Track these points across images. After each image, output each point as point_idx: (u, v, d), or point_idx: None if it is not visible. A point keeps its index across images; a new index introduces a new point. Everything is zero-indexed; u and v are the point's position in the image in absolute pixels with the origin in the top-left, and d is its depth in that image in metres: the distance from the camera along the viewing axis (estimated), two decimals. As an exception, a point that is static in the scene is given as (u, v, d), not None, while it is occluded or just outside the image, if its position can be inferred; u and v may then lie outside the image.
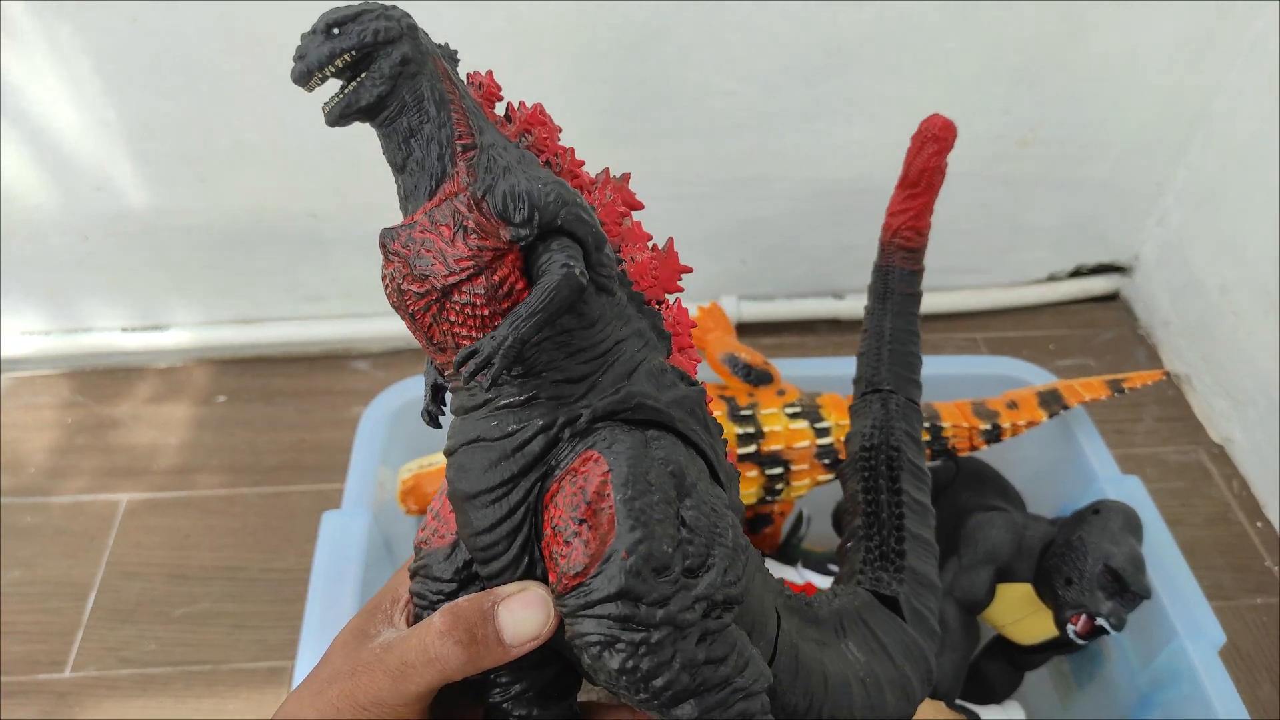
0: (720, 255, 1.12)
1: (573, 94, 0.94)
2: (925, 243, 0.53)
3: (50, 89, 0.89)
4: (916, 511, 0.49)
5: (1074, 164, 1.07)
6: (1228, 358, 1.03)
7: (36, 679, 0.84)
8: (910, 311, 0.53)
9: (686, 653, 0.31)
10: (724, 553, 0.33)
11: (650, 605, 0.30)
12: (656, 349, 0.36)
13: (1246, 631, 0.88)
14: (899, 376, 0.52)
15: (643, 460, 0.32)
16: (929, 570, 0.48)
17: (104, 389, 1.09)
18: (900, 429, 0.50)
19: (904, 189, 0.52)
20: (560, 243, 0.32)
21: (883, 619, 0.44)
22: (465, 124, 0.34)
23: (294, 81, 0.33)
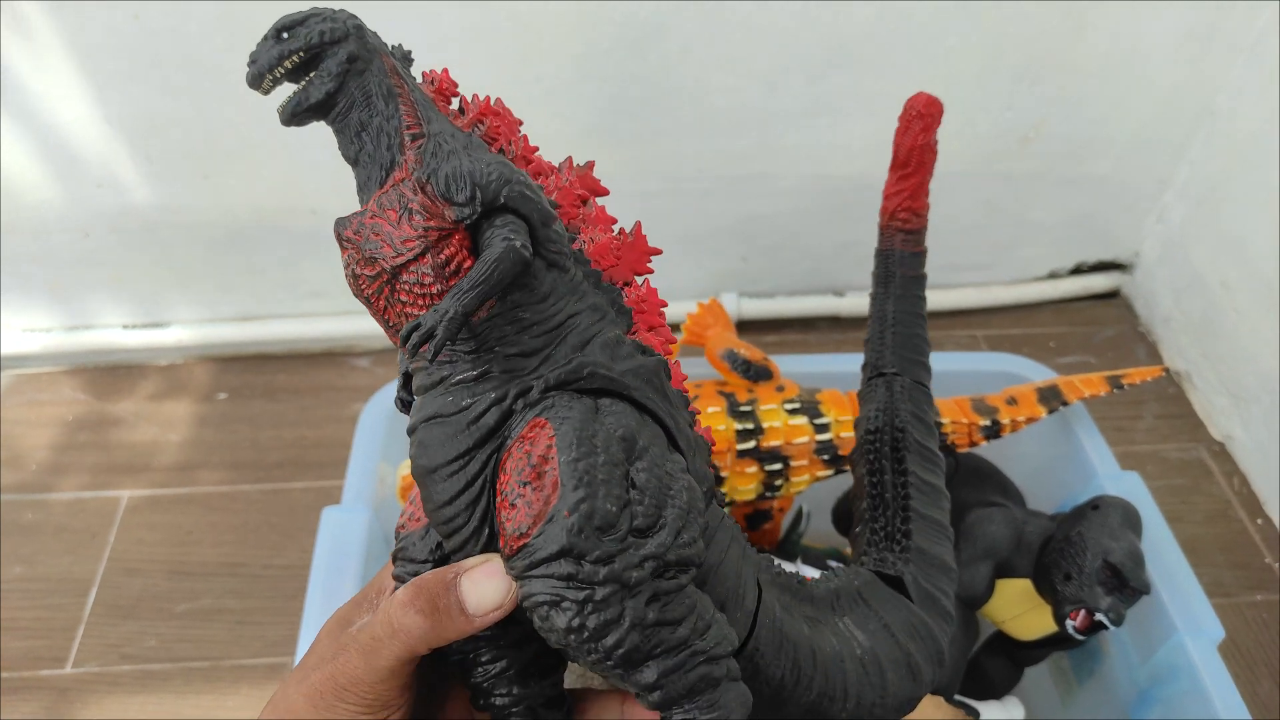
0: (721, 252, 1.12)
1: (575, 91, 0.94)
2: (924, 224, 0.53)
3: (52, 86, 0.89)
4: (925, 492, 0.48)
5: (1076, 161, 1.07)
6: (1229, 355, 1.02)
7: (38, 675, 0.84)
8: (914, 294, 0.53)
9: (636, 612, 0.31)
10: (677, 514, 0.33)
11: (594, 563, 0.31)
12: (615, 323, 0.37)
13: (1247, 628, 0.88)
14: (903, 359, 0.52)
15: (590, 424, 0.33)
16: (940, 551, 0.47)
17: (105, 386, 1.10)
18: (906, 410, 0.50)
19: (896, 170, 0.52)
20: (504, 219, 0.34)
21: (886, 598, 0.44)
22: (413, 114, 0.36)
23: (249, 85, 0.36)
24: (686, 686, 0.32)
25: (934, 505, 0.49)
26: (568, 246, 0.36)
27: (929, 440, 0.50)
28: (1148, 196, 1.12)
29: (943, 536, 0.48)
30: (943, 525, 0.48)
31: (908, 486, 0.48)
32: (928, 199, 0.52)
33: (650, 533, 0.32)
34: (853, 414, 0.68)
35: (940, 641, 0.44)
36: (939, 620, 0.45)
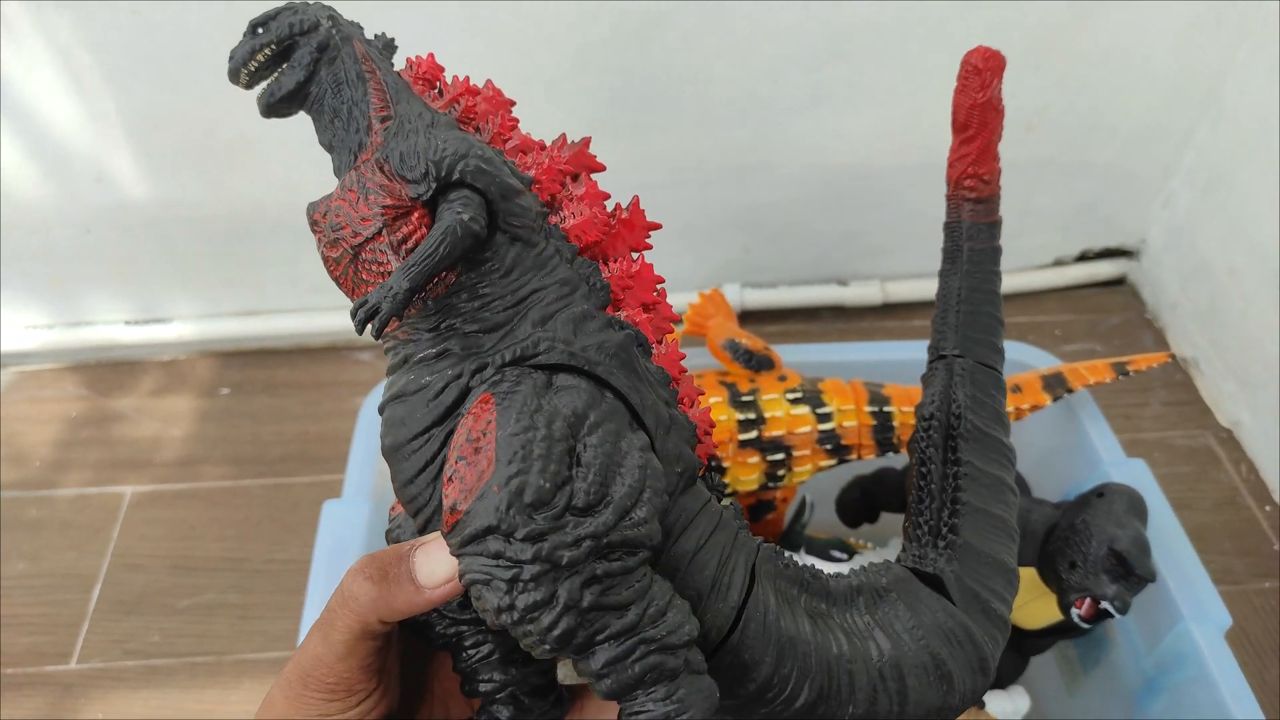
0: (723, 242, 1.11)
1: (576, 82, 0.94)
2: (995, 191, 0.48)
3: (50, 81, 0.89)
4: (983, 484, 0.44)
5: (1081, 148, 1.07)
6: (1236, 341, 1.02)
7: (43, 671, 0.84)
8: (985, 269, 0.48)
9: (570, 593, 0.29)
10: (626, 493, 0.31)
11: (523, 541, 0.29)
12: (587, 298, 0.36)
13: (1255, 616, 0.87)
14: (968, 339, 0.47)
15: (534, 400, 0.32)
16: (995, 549, 0.43)
17: (107, 382, 1.10)
18: (964, 394, 0.45)
19: (957, 134, 0.47)
20: (458, 194, 0.34)
21: (919, 598, 0.40)
22: (381, 97, 0.36)
23: (229, 80, 0.37)
24: (635, 676, 0.30)
25: (994, 499, 0.44)
26: (537, 221, 0.35)
27: (994, 428, 0.45)
28: (1154, 183, 1.12)
29: (1001, 533, 0.43)
30: (1003, 521, 0.44)
31: (959, 478, 0.43)
32: (996, 163, 0.47)
33: (592, 511, 0.30)
34: (855, 404, 0.67)
35: (983, 648, 0.40)
36: (986, 624, 0.41)
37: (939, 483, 0.44)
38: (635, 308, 0.37)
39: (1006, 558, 0.43)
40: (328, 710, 0.35)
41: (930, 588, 0.40)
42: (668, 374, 0.37)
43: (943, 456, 0.44)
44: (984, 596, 0.41)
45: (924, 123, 1.01)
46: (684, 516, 0.35)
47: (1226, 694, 0.56)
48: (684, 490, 0.35)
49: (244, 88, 0.38)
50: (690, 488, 0.36)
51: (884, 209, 1.09)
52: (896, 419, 0.67)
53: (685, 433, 0.36)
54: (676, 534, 0.34)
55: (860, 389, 0.68)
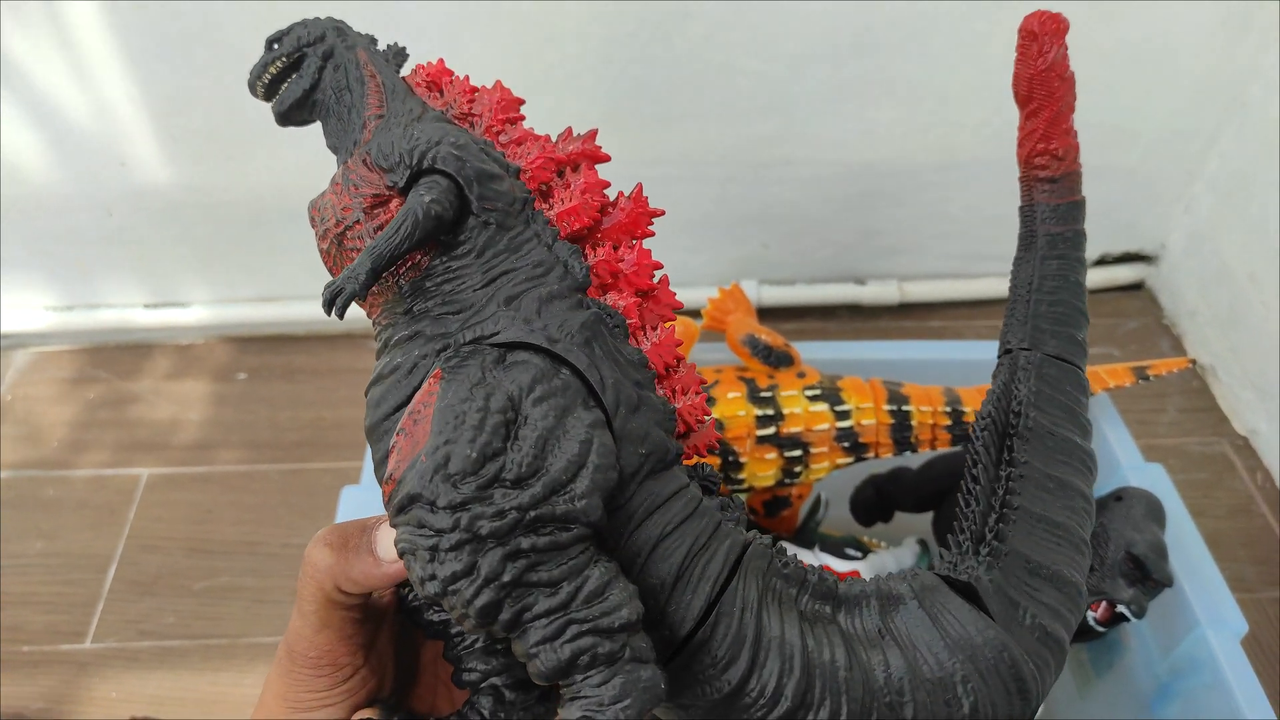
0: (742, 239, 1.11)
1: (599, 74, 0.94)
2: (1072, 168, 0.43)
3: (75, 65, 0.89)
4: (1044, 488, 0.38)
5: (1102, 150, 1.06)
6: (1256, 348, 1.01)
7: (58, 649, 0.84)
8: (1062, 254, 0.43)
9: (490, 566, 0.28)
10: (564, 467, 0.30)
11: (444, 509, 0.29)
12: (560, 280, 0.35)
13: (1269, 624, 0.87)
14: (1039, 331, 0.41)
15: (478, 373, 0.31)
16: (1052, 559, 0.37)
17: (125, 365, 1.10)
18: (1028, 390, 0.40)
19: (1022, 108, 0.43)
20: (427, 180, 0.35)
21: (945, 609, 0.35)
22: (378, 98, 0.39)
23: (249, 92, 0.41)
24: (566, 659, 0.29)
25: (1058, 504, 0.38)
26: (515, 206, 0.36)
27: (1064, 427, 0.39)
28: (1176, 187, 1.11)
29: (1064, 544, 0.37)
30: (1065, 530, 0.38)
31: (1012, 479, 0.38)
32: (1071, 136, 0.42)
33: (522, 484, 0.29)
34: (874, 402, 0.67)
35: (1023, 668, 0.34)
36: (1030, 642, 0.35)
37: (987, 485, 0.39)
38: (628, 293, 0.36)
39: (1068, 571, 0.37)
40: (315, 685, 0.36)
41: (964, 598, 0.36)
42: (644, 357, 0.35)
43: (995, 457, 0.39)
44: (1031, 611, 0.36)
45: (946, 121, 1.00)
46: (650, 500, 0.33)
47: (1242, 701, 0.56)
48: (652, 473, 0.34)
49: (262, 99, 0.41)
50: (662, 472, 0.34)
51: (903, 208, 1.09)
52: (915, 418, 0.67)
53: (657, 415, 0.35)
54: (640, 519, 0.33)
55: (879, 388, 0.68)
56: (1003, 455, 0.39)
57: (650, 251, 0.37)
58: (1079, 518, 0.38)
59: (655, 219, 0.38)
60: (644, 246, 0.37)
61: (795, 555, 0.37)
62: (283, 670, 0.36)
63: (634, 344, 0.36)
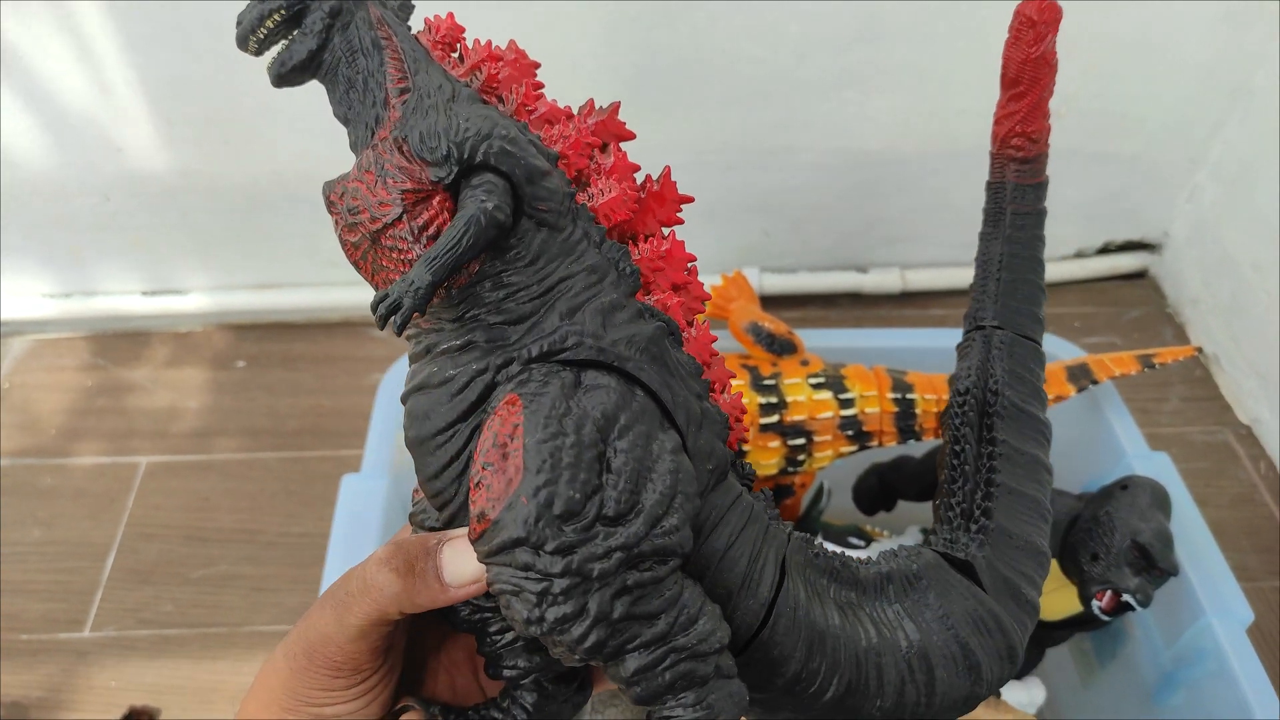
0: (743, 226, 1.11)
1: (601, 60, 0.93)
2: (1042, 150, 0.45)
3: (72, 49, 0.88)
4: (1018, 464, 0.42)
5: (1106, 138, 1.05)
6: (1259, 337, 1.01)
7: (56, 638, 0.84)
8: (1028, 235, 0.45)
9: (601, 606, 0.29)
10: (657, 500, 0.30)
11: (553, 553, 0.29)
12: (616, 286, 0.34)
13: (1271, 614, 0.87)
14: (1008, 309, 0.45)
15: (562, 403, 0.30)
16: (1028, 532, 0.42)
17: (123, 352, 1.10)
18: (1002, 369, 0.44)
19: (1006, 89, 0.45)
20: (481, 179, 0.32)
21: (949, 585, 0.39)
22: (399, 67, 0.34)
23: (237, 47, 0.35)
24: (665, 684, 0.30)
25: (1029, 479, 0.43)
26: (564, 203, 0.34)
27: (1030, 404, 0.44)
28: (1179, 175, 1.10)
29: (1035, 516, 0.42)
30: (1037, 503, 0.42)
31: (995, 458, 0.42)
32: (1046, 120, 0.45)
33: (623, 521, 0.30)
34: (878, 390, 0.67)
35: (1012, 636, 0.39)
36: (1016, 611, 0.40)
37: (973, 463, 0.43)
38: (666, 289, 0.35)
39: (1039, 540, 0.42)
40: (332, 686, 0.35)
41: (961, 573, 0.40)
42: (699, 364, 0.35)
43: (978, 435, 0.43)
44: (1015, 582, 0.40)
45: (950, 108, 1.00)
46: (715, 513, 0.34)
47: (1248, 690, 0.56)
48: (715, 486, 0.34)
49: (253, 55, 0.35)
50: (721, 483, 0.35)
51: (906, 196, 1.08)
52: (919, 406, 0.67)
53: (717, 426, 0.35)
54: (707, 532, 0.34)
55: (883, 375, 0.67)
56: (983, 434, 0.43)
57: (684, 243, 0.36)
58: (1043, 490, 0.43)
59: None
60: (677, 238, 0.36)
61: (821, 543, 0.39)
62: (298, 666, 0.35)
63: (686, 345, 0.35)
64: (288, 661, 0.35)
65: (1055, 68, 0.44)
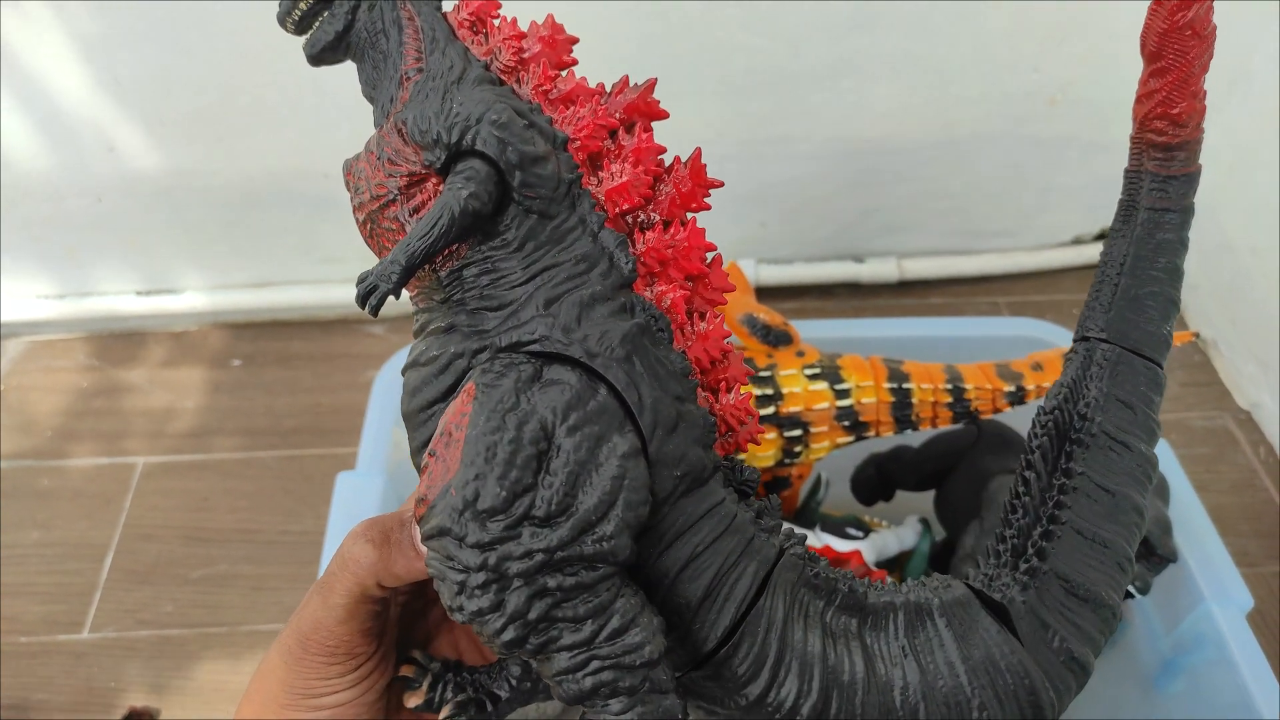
0: (739, 218, 1.10)
1: (592, 49, 0.91)
2: (1190, 136, 0.38)
3: (61, 47, 0.88)
4: (1095, 501, 0.36)
5: (1105, 124, 1.05)
6: (1258, 322, 1.00)
7: (55, 640, 0.84)
8: (1163, 235, 0.38)
9: (515, 606, 0.29)
10: (595, 504, 0.30)
11: (472, 548, 0.29)
12: (604, 277, 0.33)
13: (1272, 599, 0.86)
14: (1122, 320, 0.38)
15: (511, 397, 0.30)
16: (1092, 579, 0.35)
17: (119, 353, 1.09)
18: (1098, 390, 0.37)
19: (1148, 64, 0.38)
20: (465, 165, 0.32)
21: (972, 627, 0.35)
22: (416, 47, 0.35)
23: (278, 25, 0.36)
24: (587, 689, 0.30)
25: (1107, 520, 0.36)
26: (559, 189, 0.33)
27: (1130, 434, 0.37)
28: (1176, 161, 1.10)
29: (1104, 563, 0.36)
30: (1113, 550, 0.36)
31: (1066, 491, 0.36)
32: (1197, 100, 0.38)
33: (551, 523, 0.29)
34: (874, 380, 0.66)
35: (1041, 696, 0.34)
36: (1056, 669, 0.35)
37: (1038, 495, 0.37)
38: (674, 280, 0.34)
39: (1105, 592, 0.36)
40: (328, 674, 0.36)
41: (995, 617, 0.35)
42: (686, 363, 0.34)
43: (1051, 464, 0.37)
44: (1061, 635, 0.35)
45: (946, 96, 0.99)
46: (681, 521, 0.33)
47: (1248, 676, 0.56)
48: (686, 493, 0.33)
49: (294, 34, 0.37)
50: (696, 490, 0.33)
51: (902, 185, 1.08)
52: (915, 396, 0.66)
53: (695, 431, 0.33)
54: (669, 540, 0.33)
55: (879, 365, 0.67)
56: (1059, 463, 0.37)
57: (704, 231, 0.34)
58: (1127, 533, 0.36)
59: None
60: (698, 225, 0.34)
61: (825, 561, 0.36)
62: (292, 659, 0.36)
63: (679, 342, 0.34)
64: (282, 656, 0.35)
65: (1210, 37, 0.37)
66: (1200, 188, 1.23)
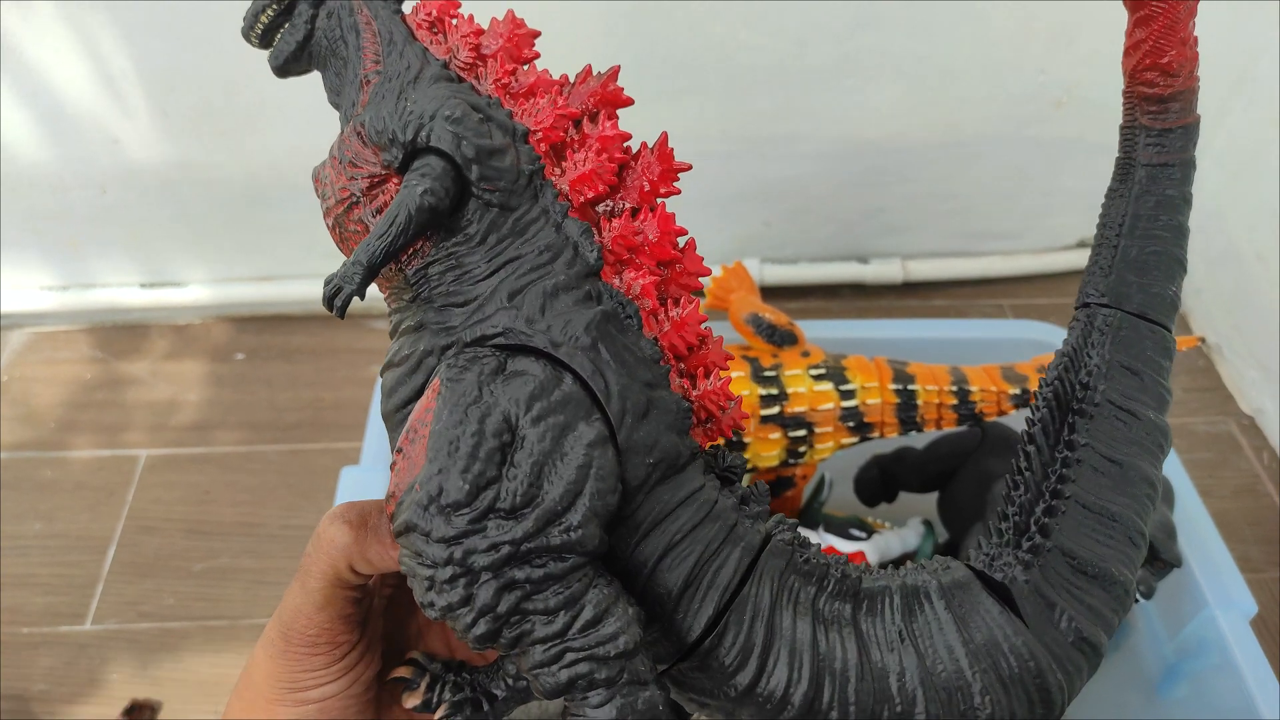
0: (743, 217, 1.10)
1: (598, 48, 0.92)
2: (1184, 85, 0.35)
3: (66, 41, 0.88)
4: (1102, 473, 0.34)
5: (1110, 126, 1.03)
6: (1262, 327, 1.00)
7: (58, 631, 0.84)
8: (1163, 191, 0.36)
9: (484, 599, 0.29)
10: (560, 494, 0.29)
11: (438, 542, 0.29)
12: (569, 266, 0.33)
13: (1275, 604, 0.86)
14: (1124, 283, 0.36)
15: (474, 390, 0.30)
16: (1101, 554, 0.34)
17: (122, 345, 1.09)
18: (1100, 356, 0.35)
19: (1132, 13, 0.35)
20: (421, 162, 0.32)
21: (974, 609, 0.33)
22: (374, 52, 0.35)
23: (244, 39, 0.37)
24: (563, 682, 0.29)
25: (1116, 492, 0.34)
26: (518, 181, 0.33)
27: (1136, 401, 0.35)
28: (1182, 164, 1.10)
29: (1116, 537, 0.34)
30: (1123, 523, 0.34)
31: (1069, 464, 0.35)
32: (1188, 46, 0.35)
33: (516, 515, 0.29)
34: (879, 381, 0.66)
35: (1048, 678, 0.33)
36: (1065, 650, 0.33)
37: (1039, 470, 0.35)
38: (644, 267, 0.34)
39: (1116, 568, 0.34)
40: (312, 665, 0.35)
41: (996, 598, 0.34)
42: (656, 349, 0.33)
43: (1052, 437, 0.35)
44: (1069, 614, 0.33)
45: (951, 96, 0.99)
46: (658, 509, 0.32)
47: (1251, 682, 0.56)
48: (662, 480, 0.32)
49: (259, 48, 0.37)
50: (673, 477, 0.33)
51: (907, 185, 1.08)
52: (920, 397, 0.66)
53: (669, 417, 0.33)
54: (646, 529, 0.32)
55: (884, 366, 0.67)
56: (1061, 435, 0.35)
57: (674, 216, 0.34)
58: (1139, 505, 0.34)
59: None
60: (666, 210, 0.34)
61: (817, 545, 0.35)
62: (276, 652, 0.35)
63: (651, 328, 0.33)
64: (266, 650, 0.35)
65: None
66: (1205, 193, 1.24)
